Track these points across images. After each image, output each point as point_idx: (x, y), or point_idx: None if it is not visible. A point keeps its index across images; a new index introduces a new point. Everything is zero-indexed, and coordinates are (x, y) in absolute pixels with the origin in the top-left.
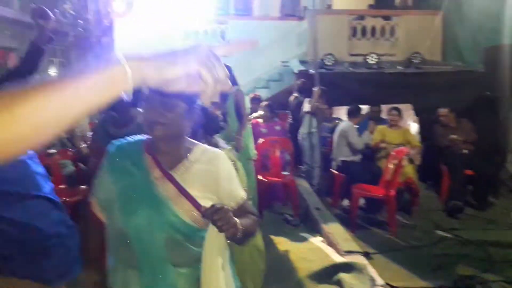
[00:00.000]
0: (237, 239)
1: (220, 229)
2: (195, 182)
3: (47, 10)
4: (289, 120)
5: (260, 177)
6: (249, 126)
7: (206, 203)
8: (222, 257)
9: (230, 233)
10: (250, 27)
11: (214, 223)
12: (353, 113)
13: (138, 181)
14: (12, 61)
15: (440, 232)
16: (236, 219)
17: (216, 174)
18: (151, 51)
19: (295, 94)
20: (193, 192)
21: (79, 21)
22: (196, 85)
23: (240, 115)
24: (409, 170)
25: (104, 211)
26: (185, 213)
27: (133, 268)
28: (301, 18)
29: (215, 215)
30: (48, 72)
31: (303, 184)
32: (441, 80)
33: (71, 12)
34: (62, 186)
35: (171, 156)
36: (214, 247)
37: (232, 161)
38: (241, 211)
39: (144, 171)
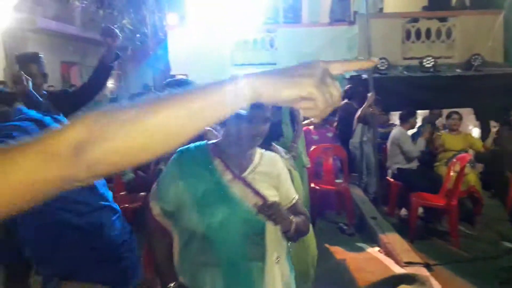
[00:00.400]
0: (290, 235)
1: (275, 222)
2: (262, 182)
3: (115, 30)
4: (339, 127)
5: (312, 185)
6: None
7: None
8: (279, 251)
9: (284, 226)
10: (299, 34)
11: (269, 218)
12: (405, 118)
13: (212, 184)
14: (75, 74)
15: (507, 244)
16: (289, 214)
17: (277, 174)
18: (270, 70)
19: (345, 100)
20: (264, 192)
21: (137, 35)
22: (309, 104)
23: (295, 123)
24: (472, 178)
25: (170, 217)
26: None
27: (213, 266)
28: (351, 23)
29: (269, 210)
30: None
31: (357, 192)
32: (504, 83)
33: (130, 26)
34: (123, 193)
35: (240, 160)
36: (271, 241)
37: (288, 169)
38: (293, 210)
39: (216, 175)
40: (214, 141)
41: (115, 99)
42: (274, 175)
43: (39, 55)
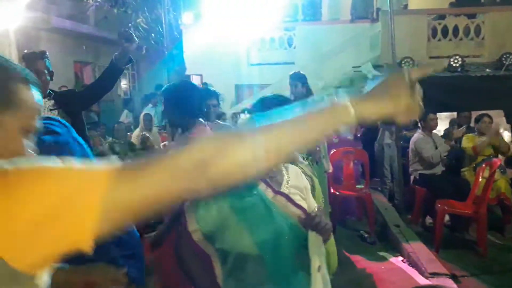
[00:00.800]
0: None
1: (320, 233)
2: (295, 195)
3: (133, 34)
4: (361, 129)
5: (332, 190)
6: None
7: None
8: (320, 259)
9: (325, 235)
10: (319, 32)
11: (314, 229)
12: (424, 121)
13: (257, 203)
14: (88, 74)
15: None
16: (329, 222)
17: (304, 186)
18: (367, 91)
19: None
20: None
21: (152, 34)
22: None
23: None
24: (502, 184)
25: (211, 240)
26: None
27: (266, 284)
28: (374, 20)
29: (313, 221)
30: (121, 85)
31: (379, 198)
32: None
33: (144, 25)
34: None
35: (274, 176)
36: (314, 251)
37: (309, 176)
38: None
39: (259, 193)
40: None
41: (129, 99)
42: (301, 187)
43: (46, 52)
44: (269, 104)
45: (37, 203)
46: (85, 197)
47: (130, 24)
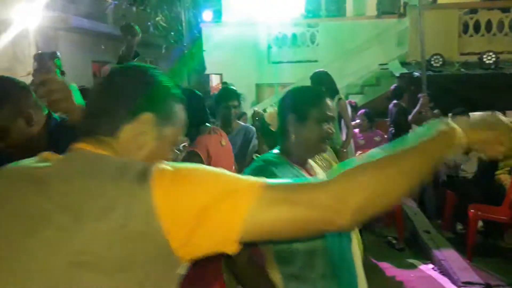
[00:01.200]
0: None
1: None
2: None
3: (134, 26)
4: (391, 130)
5: None
6: None
7: None
8: (358, 245)
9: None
10: (343, 29)
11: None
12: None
13: None
14: (106, 73)
15: None
16: None
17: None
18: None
19: (393, 101)
20: None
21: (171, 33)
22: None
23: (344, 126)
24: None
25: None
26: None
27: (331, 277)
28: (401, 16)
29: None
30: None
31: (408, 203)
32: None
33: (163, 24)
34: None
35: (308, 165)
36: (354, 236)
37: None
38: None
39: None
40: (276, 150)
41: None
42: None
43: (56, 53)
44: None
45: (203, 194)
46: (238, 200)
47: (149, 23)
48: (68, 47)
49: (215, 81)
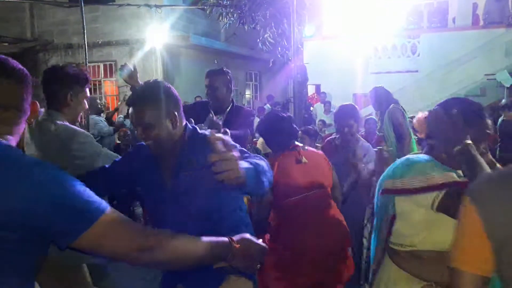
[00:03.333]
0: None
1: None
2: None
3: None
4: (499, 147)
5: None
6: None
7: None
8: None
9: None
10: (446, 39)
11: None
12: None
13: None
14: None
15: None
16: None
17: None
18: None
19: (501, 117)
20: None
21: (278, 48)
22: None
23: (399, 136)
24: None
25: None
26: None
27: None
28: (510, 25)
29: None
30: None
31: None
32: None
33: (271, 40)
34: None
35: None
36: None
37: None
38: None
39: None
40: (425, 154)
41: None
42: None
43: (223, 68)
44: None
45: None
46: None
47: (258, 40)
48: (187, 62)
49: (311, 91)
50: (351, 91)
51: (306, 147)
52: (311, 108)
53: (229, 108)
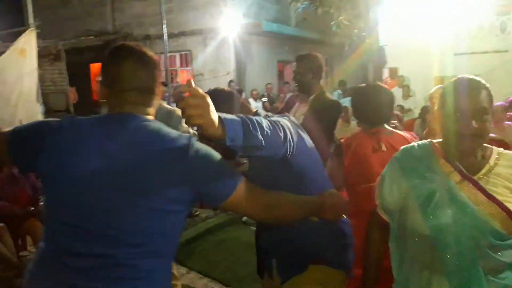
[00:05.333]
0: None
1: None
2: (498, 186)
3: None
4: None
5: None
6: None
7: (511, 207)
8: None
9: None
10: None
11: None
12: None
13: (437, 186)
14: (288, 72)
15: None
16: None
17: None
18: None
19: None
20: (498, 196)
21: (354, 30)
22: None
23: None
24: None
25: (390, 215)
26: (492, 217)
27: (436, 271)
28: None
29: None
30: None
31: None
32: None
33: (346, 22)
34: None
35: (469, 160)
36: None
37: None
38: None
39: (442, 176)
40: (437, 140)
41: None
42: None
43: (310, 54)
44: None
45: None
46: None
47: (332, 23)
48: (259, 49)
49: (385, 75)
50: (432, 73)
51: (395, 131)
52: None
53: (314, 96)
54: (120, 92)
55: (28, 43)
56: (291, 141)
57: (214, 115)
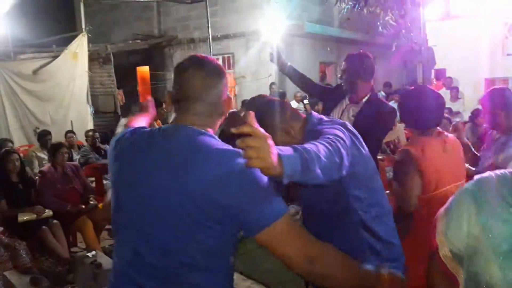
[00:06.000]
0: None
1: None
2: None
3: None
4: None
5: None
6: None
7: None
8: None
9: None
10: None
11: None
12: None
13: None
14: (330, 73)
15: None
16: None
17: None
18: None
19: None
20: None
21: (402, 31)
22: None
23: None
24: None
25: (460, 262)
26: None
27: None
28: None
29: None
30: None
31: None
32: None
33: (392, 23)
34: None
35: None
36: None
37: None
38: None
39: None
40: None
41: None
42: None
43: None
44: None
45: None
46: None
47: (378, 23)
48: (301, 51)
49: (439, 76)
50: (481, 75)
51: (446, 133)
52: None
53: (367, 99)
54: (181, 102)
55: (80, 47)
56: (346, 164)
57: (274, 155)
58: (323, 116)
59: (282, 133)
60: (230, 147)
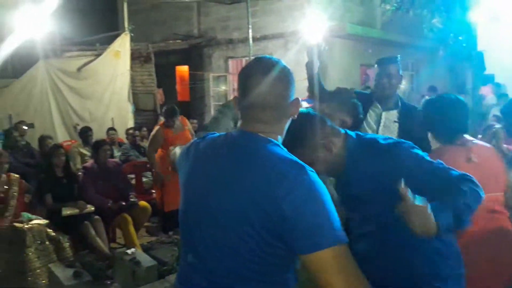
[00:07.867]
0: None
1: None
2: None
3: None
4: None
5: None
6: None
7: None
8: None
9: None
10: None
11: None
12: None
13: None
14: (371, 76)
15: None
16: None
17: None
18: None
19: None
20: None
21: (450, 34)
22: None
23: None
24: None
25: None
26: None
27: None
28: None
29: None
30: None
31: None
32: None
33: (439, 26)
34: None
35: None
36: None
37: None
38: None
39: None
40: None
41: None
42: None
43: (397, 57)
44: None
45: None
46: None
47: (423, 26)
48: (341, 52)
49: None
50: None
51: (476, 141)
52: (483, 102)
53: (399, 103)
54: (245, 107)
55: (122, 46)
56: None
57: (433, 221)
58: (358, 132)
59: (323, 149)
60: (296, 159)
